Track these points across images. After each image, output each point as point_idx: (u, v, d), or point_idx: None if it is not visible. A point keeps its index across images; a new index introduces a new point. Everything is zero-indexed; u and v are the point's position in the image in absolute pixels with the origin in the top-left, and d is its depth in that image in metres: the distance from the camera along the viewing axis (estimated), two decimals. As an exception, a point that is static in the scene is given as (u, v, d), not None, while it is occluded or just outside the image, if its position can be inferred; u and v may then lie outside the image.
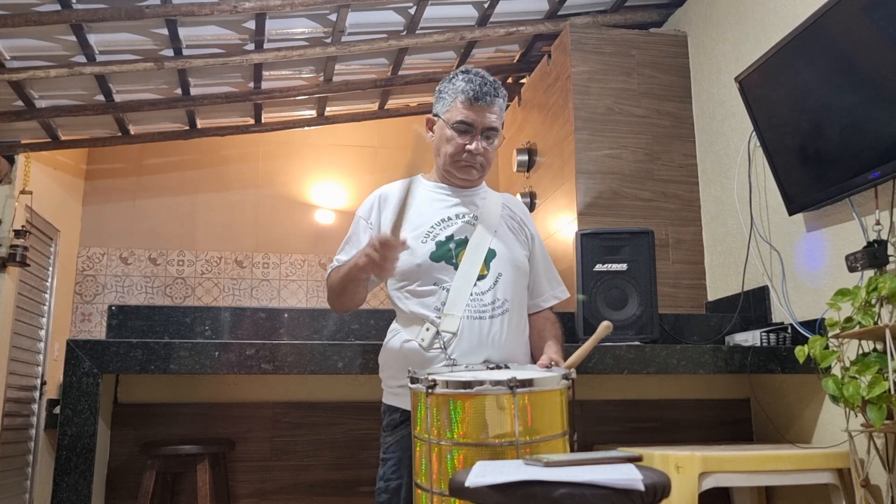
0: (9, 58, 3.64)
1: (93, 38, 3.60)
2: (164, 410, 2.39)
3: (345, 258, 1.86)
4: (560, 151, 3.62)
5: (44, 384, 4.74)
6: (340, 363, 2.10)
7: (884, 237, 2.22)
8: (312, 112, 4.96)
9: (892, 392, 1.97)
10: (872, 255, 2.21)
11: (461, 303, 1.72)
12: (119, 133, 4.66)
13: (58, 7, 3.31)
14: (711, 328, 2.90)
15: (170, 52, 3.81)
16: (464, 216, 1.84)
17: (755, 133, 2.73)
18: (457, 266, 1.76)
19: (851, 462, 2.16)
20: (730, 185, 3.17)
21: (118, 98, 4.20)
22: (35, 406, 4.64)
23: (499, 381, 1.38)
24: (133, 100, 4.26)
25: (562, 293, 1.98)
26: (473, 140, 1.80)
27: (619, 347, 2.30)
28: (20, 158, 4.45)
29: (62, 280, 5.09)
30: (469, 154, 1.81)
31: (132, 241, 5.49)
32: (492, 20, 3.89)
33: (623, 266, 2.61)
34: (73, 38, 3.54)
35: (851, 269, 2.31)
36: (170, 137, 4.89)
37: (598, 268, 2.61)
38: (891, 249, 2.20)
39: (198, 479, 2.13)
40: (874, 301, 2.12)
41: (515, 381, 1.37)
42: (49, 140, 4.49)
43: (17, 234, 4.21)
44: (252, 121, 4.87)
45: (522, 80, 4.41)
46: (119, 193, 5.54)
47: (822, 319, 2.39)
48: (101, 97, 4.15)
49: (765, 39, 2.89)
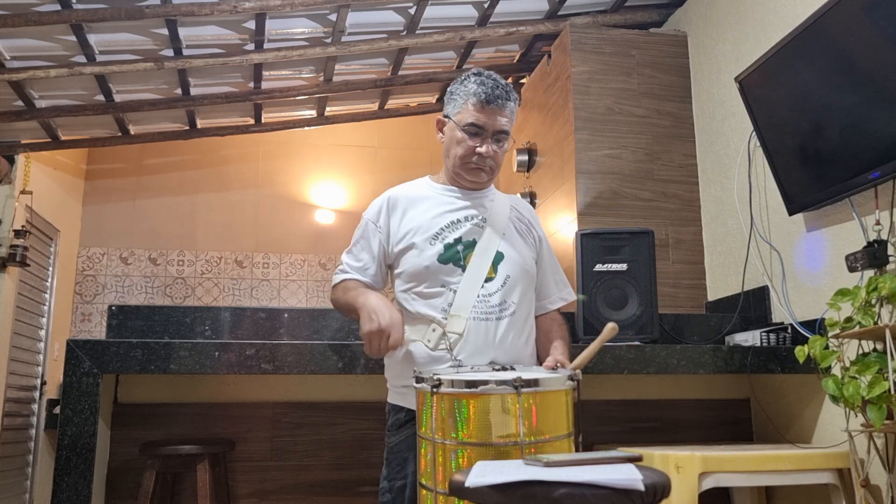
0: (9, 58, 3.64)
1: (93, 38, 3.60)
2: (164, 410, 2.39)
3: (353, 262, 1.87)
4: (560, 151, 3.62)
5: (44, 384, 4.74)
6: (340, 363, 2.10)
7: (884, 237, 2.22)
8: (312, 112, 4.95)
9: (892, 392, 1.97)
10: (872, 255, 2.21)
11: (468, 304, 1.73)
12: (119, 133, 4.66)
13: (58, 7, 3.31)
14: (711, 328, 2.90)
15: (170, 52, 3.81)
16: (472, 218, 1.84)
17: (755, 133, 2.73)
18: (464, 268, 1.77)
19: (851, 462, 2.16)
20: (730, 185, 3.17)
21: (118, 98, 4.20)
22: (35, 406, 4.64)
23: (504, 381, 1.38)
24: (133, 100, 4.26)
25: (569, 295, 1.98)
26: (484, 143, 1.80)
27: (619, 347, 2.30)
28: (20, 158, 4.45)
29: (62, 280, 5.08)
30: (479, 157, 1.81)
31: (132, 241, 5.49)
32: (492, 20, 3.89)
33: (623, 266, 2.61)
34: (73, 38, 3.54)
35: (851, 269, 2.31)
36: (170, 137, 4.88)
37: (598, 268, 2.61)
38: (891, 249, 2.20)
39: (198, 479, 2.13)
40: (874, 301, 2.12)
41: (520, 381, 1.37)
42: (49, 140, 4.49)
43: (17, 234, 4.21)
44: (252, 121, 4.87)
45: (522, 80, 4.41)
46: (119, 193, 5.54)
47: (822, 319, 2.39)
48: (101, 97, 4.16)
49: (765, 39, 2.89)
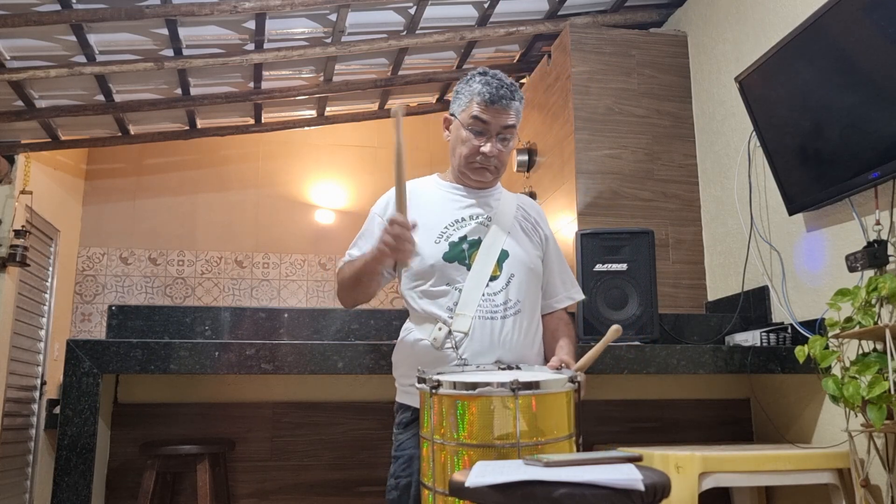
0: (9, 58, 3.64)
1: (93, 38, 3.60)
2: (164, 410, 2.39)
3: (357, 253, 1.87)
4: (560, 151, 3.62)
5: (44, 384, 4.74)
6: (340, 363, 2.10)
7: (884, 237, 2.22)
8: (312, 112, 4.95)
9: (892, 392, 1.97)
10: (872, 255, 2.21)
11: (473, 303, 1.73)
12: (119, 133, 4.66)
13: (58, 7, 3.31)
14: (711, 328, 2.90)
15: (170, 52, 3.81)
16: (478, 217, 1.84)
17: (755, 133, 2.73)
18: (469, 267, 1.77)
19: (851, 462, 2.15)
20: (730, 185, 3.17)
21: (118, 98, 4.20)
22: (35, 406, 4.64)
23: (503, 383, 1.38)
24: (133, 100, 4.26)
25: (576, 294, 1.98)
26: (488, 142, 1.80)
27: (619, 347, 2.29)
28: (20, 158, 4.45)
29: (62, 280, 5.09)
30: (483, 156, 1.81)
31: (132, 241, 5.49)
32: (492, 20, 3.89)
33: (623, 266, 2.61)
34: (73, 38, 3.54)
35: (851, 269, 2.31)
36: (170, 137, 4.89)
37: (598, 268, 2.61)
38: (891, 249, 2.20)
39: (198, 479, 2.13)
40: (874, 301, 2.12)
41: (518, 384, 1.37)
42: (49, 140, 4.49)
43: (17, 234, 4.21)
44: (252, 121, 4.87)
45: (522, 81, 4.41)
46: (119, 193, 5.54)
47: (822, 319, 2.39)
48: (101, 97, 4.16)
49: (765, 39, 2.89)
